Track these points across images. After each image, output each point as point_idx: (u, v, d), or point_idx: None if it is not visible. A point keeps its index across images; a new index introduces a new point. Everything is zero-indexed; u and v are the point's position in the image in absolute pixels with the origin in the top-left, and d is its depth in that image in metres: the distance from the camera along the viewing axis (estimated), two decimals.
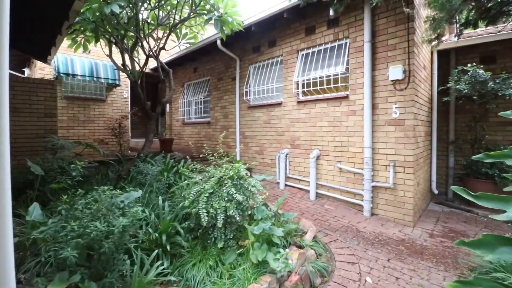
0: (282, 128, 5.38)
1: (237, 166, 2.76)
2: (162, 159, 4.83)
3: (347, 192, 4.33)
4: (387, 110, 3.90)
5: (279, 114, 5.42)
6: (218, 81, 7.00)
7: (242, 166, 2.86)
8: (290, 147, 5.23)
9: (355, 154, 4.22)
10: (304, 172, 4.98)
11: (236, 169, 2.72)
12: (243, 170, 2.78)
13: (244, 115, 6.27)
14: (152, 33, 5.41)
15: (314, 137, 4.79)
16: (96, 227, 1.64)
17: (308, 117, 4.88)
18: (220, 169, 2.87)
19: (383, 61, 3.96)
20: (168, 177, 4.10)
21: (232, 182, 2.60)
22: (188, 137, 8.35)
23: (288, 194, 4.84)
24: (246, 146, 6.25)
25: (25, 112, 5.49)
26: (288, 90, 5.21)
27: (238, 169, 2.72)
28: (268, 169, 5.70)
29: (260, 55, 5.83)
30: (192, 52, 6.93)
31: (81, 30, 4.40)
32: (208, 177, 2.83)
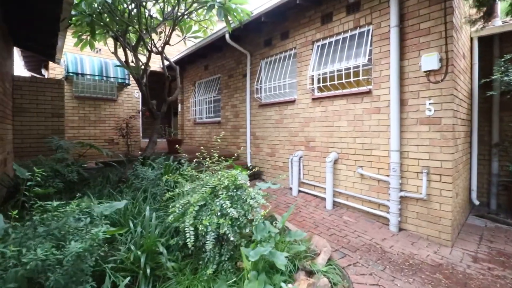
0: (295, 128, 4.87)
1: (234, 174, 2.32)
2: (165, 161, 4.49)
3: (369, 202, 3.75)
4: (419, 107, 3.29)
5: (292, 112, 4.92)
6: (229, 78, 6.61)
7: (241, 173, 2.42)
8: (304, 149, 4.71)
9: (380, 159, 3.63)
10: (319, 177, 4.44)
11: (233, 177, 2.28)
12: (241, 178, 2.33)
13: (255, 114, 5.83)
14: (158, 28, 5.11)
15: (331, 138, 4.24)
16: (37, 254, 1.27)
17: (324, 115, 4.35)
18: (215, 177, 2.44)
19: (414, 49, 3.35)
20: (167, 182, 3.74)
21: (227, 193, 2.17)
22: (199, 137, 8.05)
23: (301, 201, 4.33)
24: (257, 148, 5.80)
25: (32, 112, 5.41)
26: (302, 86, 4.70)
27: (234, 177, 2.28)
28: (280, 173, 5.21)
29: (272, 49, 5.36)
30: (202, 48, 6.59)
31: (78, 25, 4.14)
32: (201, 185, 2.41)
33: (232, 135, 6.54)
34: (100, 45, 6.33)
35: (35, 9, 3.70)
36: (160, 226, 2.49)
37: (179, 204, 2.08)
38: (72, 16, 3.74)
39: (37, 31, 4.48)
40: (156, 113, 5.08)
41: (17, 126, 5.24)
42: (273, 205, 4.11)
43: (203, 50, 6.87)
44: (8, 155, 4.50)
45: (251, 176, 5.61)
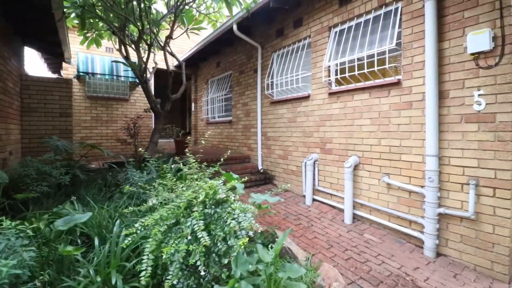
0: (310, 128, 4.28)
1: (214, 185, 1.82)
2: (164, 164, 4.12)
3: (398, 218, 3.07)
4: (464, 100, 2.57)
5: (306, 110, 4.33)
6: (240, 74, 6.16)
7: (222, 186, 1.91)
8: (319, 152, 4.11)
9: (411, 165, 2.95)
10: (337, 185, 3.82)
11: (212, 190, 1.78)
12: (221, 191, 1.82)
13: (266, 113, 5.31)
14: (161, 21, 4.78)
15: (351, 139, 3.61)
16: None
17: (343, 113, 3.72)
18: (193, 188, 1.96)
19: (457, 26, 2.64)
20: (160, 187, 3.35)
21: (202, 210, 1.68)
22: (211, 137, 7.70)
23: (315, 213, 3.74)
24: (268, 149, 5.28)
25: (40, 112, 5.34)
26: (317, 79, 4.10)
27: (214, 190, 1.78)
28: (293, 178, 4.64)
29: (284, 39, 4.80)
30: (212, 43, 6.19)
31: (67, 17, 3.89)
32: (174, 197, 1.94)
33: (243, 135, 6.08)
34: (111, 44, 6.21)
35: (28, 3, 3.51)
36: (134, 244, 2.07)
37: (140, 223, 1.62)
38: (63, 8, 3.46)
39: (37, 28, 4.35)
40: (159, 112, 4.75)
41: (25, 125, 5.19)
42: (281, 217, 3.57)
43: (213, 46, 6.48)
44: (11, 155, 4.41)
45: (262, 180, 5.10)
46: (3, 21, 4.01)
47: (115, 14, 3.83)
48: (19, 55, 5.05)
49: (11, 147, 4.43)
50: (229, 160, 5.55)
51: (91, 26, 4.80)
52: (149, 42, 4.39)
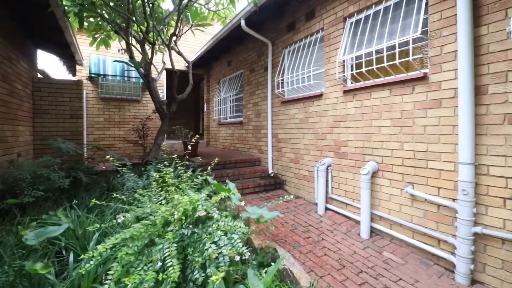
0: (322, 129, 3.91)
1: (195, 200, 1.54)
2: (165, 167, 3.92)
3: (424, 235, 2.64)
4: (508, 96, 2.11)
5: (319, 110, 3.96)
6: (251, 73, 5.88)
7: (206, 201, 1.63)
8: (333, 156, 3.72)
9: (440, 174, 2.51)
10: (353, 193, 3.42)
11: (192, 205, 1.50)
12: (202, 207, 1.53)
13: (277, 113, 4.99)
14: (166, 19, 4.62)
15: (369, 142, 3.20)
16: None
17: (359, 113, 3.32)
18: (172, 202, 1.69)
19: (497, 8, 2.18)
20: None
21: (177, 230, 1.40)
22: (223, 139, 7.48)
23: (327, 224, 3.37)
24: (279, 152, 4.95)
25: (51, 113, 5.37)
26: (331, 76, 3.72)
27: (194, 206, 1.50)
28: (305, 184, 4.29)
29: (296, 34, 4.46)
30: (222, 41, 5.96)
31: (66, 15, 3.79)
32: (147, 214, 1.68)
33: (254, 137, 5.79)
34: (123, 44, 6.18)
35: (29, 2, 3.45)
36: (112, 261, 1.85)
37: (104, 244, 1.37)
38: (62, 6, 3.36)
39: (41, 28, 4.31)
40: (164, 113, 4.58)
41: (37, 127, 5.24)
42: (288, 228, 3.24)
43: (224, 44, 6.25)
44: (20, 157, 4.43)
45: (272, 185, 4.79)
46: (9, 23, 4.01)
47: (116, 12, 3.69)
48: (30, 58, 5.10)
49: (20, 148, 4.45)
50: (238, 163, 5.29)
51: (99, 27, 4.75)
52: (153, 40, 4.21)
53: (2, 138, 3.80)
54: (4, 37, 3.87)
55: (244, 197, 4.37)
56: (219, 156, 5.92)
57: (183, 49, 8.01)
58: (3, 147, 3.82)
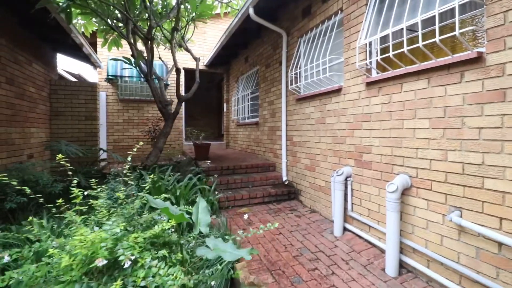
0: (341, 132, 3.21)
1: (98, 240, 1.04)
2: (159, 174, 3.57)
3: (476, 284, 1.86)
4: None
5: (337, 108, 3.27)
6: (266, 69, 5.32)
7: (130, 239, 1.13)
8: (354, 165, 3.02)
9: (504, 198, 1.72)
10: (378, 214, 2.70)
11: (91, 251, 1.01)
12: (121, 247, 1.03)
13: (291, 112, 4.37)
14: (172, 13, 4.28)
15: (399, 149, 2.46)
16: None
17: (386, 110, 2.58)
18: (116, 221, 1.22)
19: None
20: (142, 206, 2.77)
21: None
22: (241, 140, 7.04)
23: (343, 250, 2.69)
24: (294, 157, 4.32)
25: (67, 115, 5.41)
26: (351, 65, 3.01)
27: (97, 247, 1.01)
28: (321, 196, 3.62)
29: (312, 19, 3.80)
30: (235, 35, 5.48)
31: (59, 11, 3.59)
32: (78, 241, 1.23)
33: (269, 139, 5.23)
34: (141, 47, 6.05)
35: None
36: None
37: None
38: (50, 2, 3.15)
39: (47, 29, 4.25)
40: (168, 114, 4.26)
41: (53, 129, 5.32)
42: (292, 252, 2.63)
43: (239, 39, 5.78)
44: (32, 158, 4.46)
45: (285, 195, 4.20)
46: (16, 26, 4.00)
47: (107, 7, 3.42)
48: (47, 61, 5.17)
49: (32, 150, 4.47)
50: (249, 168, 4.78)
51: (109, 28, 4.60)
52: (150, 36, 3.89)
53: (7, 140, 3.78)
54: (9, 40, 3.86)
55: (250, 209, 3.84)
56: (232, 159, 5.48)
57: (202, 48, 7.76)
58: (8, 149, 3.81)
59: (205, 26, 7.71)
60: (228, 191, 4.10)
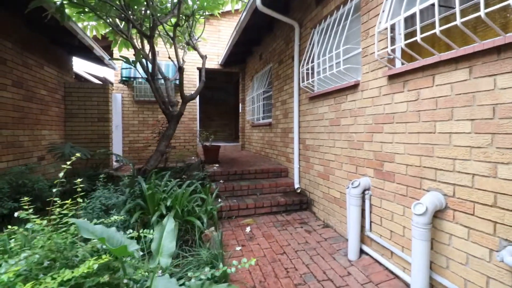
0: (358, 135, 2.72)
1: None
2: (156, 181, 3.32)
3: None
4: None
5: (354, 107, 2.78)
6: (279, 65, 4.91)
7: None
8: (373, 175, 2.52)
9: None
10: (402, 237, 2.19)
11: None
12: None
13: (304, 112, 3.92)
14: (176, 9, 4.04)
15: (430, 159, 1.93)
16: None
17: (414, 110, 2.07)
18: None
19: None
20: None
21: None
22: (255, 142, 6.69)
23: (358, 281, 2.21)
24: (306, 162, 3.87)
25: (81, 117, 5.44)
26: (370, 55, 2.52)
27: None
28: (336, 209, 3.14)
29: (326, 5, 3.32)
30: (246, 31, 5.13)
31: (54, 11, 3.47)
32: None
33: (282, 141, 4.82)
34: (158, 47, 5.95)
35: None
36: None
37: None
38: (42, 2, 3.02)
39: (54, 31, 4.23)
40: (171, 115, 4.03)
41: (68, 130, 5.37)
42: (294, 279, 2.21)
43: (251, 34, 5.43)
44: (43, 160, 4.48)
45: (297, 205, 3.78)
46: (23, 29, 4.01)
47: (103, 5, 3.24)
48: (61, 64, 5.22)
49: (42, 152, 4.50)
50: (259, 174, 4.41)
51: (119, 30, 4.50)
52: (149, 33, 3.68)
53: (13, 143, 3.79)
54: (16, 44, 3.87)
55: (254, 220, 3.47)
56: (243, 163, 5.15)
57: (217, 47, 7.52)
58: (15, 152, 3.82)
59: (219, 24, 7.48)
60: (233, 199, 3.76)
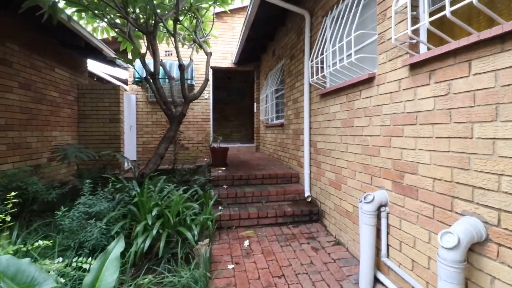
0: (373, 139, 2.26)
1: None
2: (148, 186, 3.09)
3: None
4: None
5: (368, 105, 2.32)
6: (291, 61, 4.50)
7: None
8: (391, 188, 2.05)
9: None
10: (427, 271, 1.71)
11: None
12: None
13: (315, 112, 3.49)
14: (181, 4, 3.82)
15: (466, 173, 1.46)
16: None
17: (443, 107, 1.59)
18: None
19: None
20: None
21: None
22: (269, 144, 6.33)
23: None
24: (318, 168, 3.45)
25: (93, 118, 5.46)
26: (387, 42, 2.05)
27: None
28: (348, 224, 2.69)
29: None
30: (255, 25, 4.78)
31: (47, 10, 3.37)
32: None
33: (293, 144, 4.41)
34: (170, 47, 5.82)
35: None
36: None
37: None
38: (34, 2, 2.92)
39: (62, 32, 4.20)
40: (172, 115, 3.82)
41: (81, 132, 5.42)
42: None
43: (262, 30, 5.08)
44: (53, 161, 4.51)
45: (306, 216, 3.40)
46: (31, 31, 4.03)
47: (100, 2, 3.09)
48: (74, 66, 5.26)
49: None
50: (266, 179, 4.05)
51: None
52: (146, 30, 3.48)
53: (20, 144, 3.81)
54: (24, 46, 3.88)
55: (256, 232, 3.11)
56: (253, 166, 4.83)
57: (231, 45, 7.26)
58: (22, 153, 3.83)
59: (233, 21, 7.21)
60: (235, 207, 3.44)
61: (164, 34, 4.64)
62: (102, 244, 2.32)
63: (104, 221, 2.36)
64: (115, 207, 2.73)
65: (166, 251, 2.47)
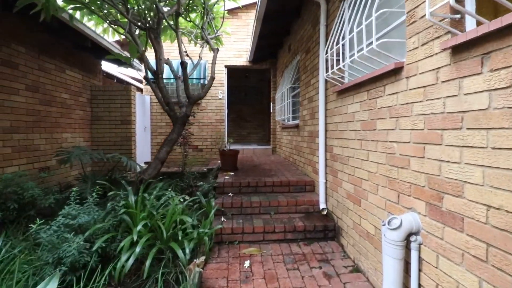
0: (401, 146, 1.78)
1: None
2: (143, 195, 2.83)
3: None
4: None
5: (395, 103, 1.85)
6: (306, 55, 4.06)
7: None
8: (425, 212, 1.57)
9: None
10: None
11: None
12: None
13: (331, 112, 3.04)
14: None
15: None
16: None
17: (504, 106, 1.10)
18: None
19: None
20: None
21: None
22: (285, 146, 5.92)
23: None
24: (334, 176, 2.99)
25: (105, 120, 5.41)
26: (419, 22, 1.57)
27: None
28: (369, 248, 2.22)
29: None
30: (267, 18, 4.38)
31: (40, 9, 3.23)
32: None
33: (309, 147, 3.97)
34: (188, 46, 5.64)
35: None
36: None
37: None
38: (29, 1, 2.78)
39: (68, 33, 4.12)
40: (175, 116, 3.56)
41: (94, 133, 5.40)
42: None
43: (275, 24, 4.68)
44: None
45: (320, 232, 2.98)
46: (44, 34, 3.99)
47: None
48: (87, 68, 5.24)
49: None
50: (277, 187, 3.66)
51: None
52: (145, 26, 3.24)
53: (27, 146, 3.77)
54: (31, 48, 3.84)
55: (260, 250, 2.73)
56: (265, 171, 4.46)
57: (246, 42, 6.93)
58: (29, 155, 3.80)
59: (248, 17, 6.87)
60: (239, 219, 3.09)
61: (171, 32, 4.42)
62: (83, 260, 2.09)
63: (86, 235, 2.13)
64: (105, 218, 2.50)
65: (156, 270, 2.19)
